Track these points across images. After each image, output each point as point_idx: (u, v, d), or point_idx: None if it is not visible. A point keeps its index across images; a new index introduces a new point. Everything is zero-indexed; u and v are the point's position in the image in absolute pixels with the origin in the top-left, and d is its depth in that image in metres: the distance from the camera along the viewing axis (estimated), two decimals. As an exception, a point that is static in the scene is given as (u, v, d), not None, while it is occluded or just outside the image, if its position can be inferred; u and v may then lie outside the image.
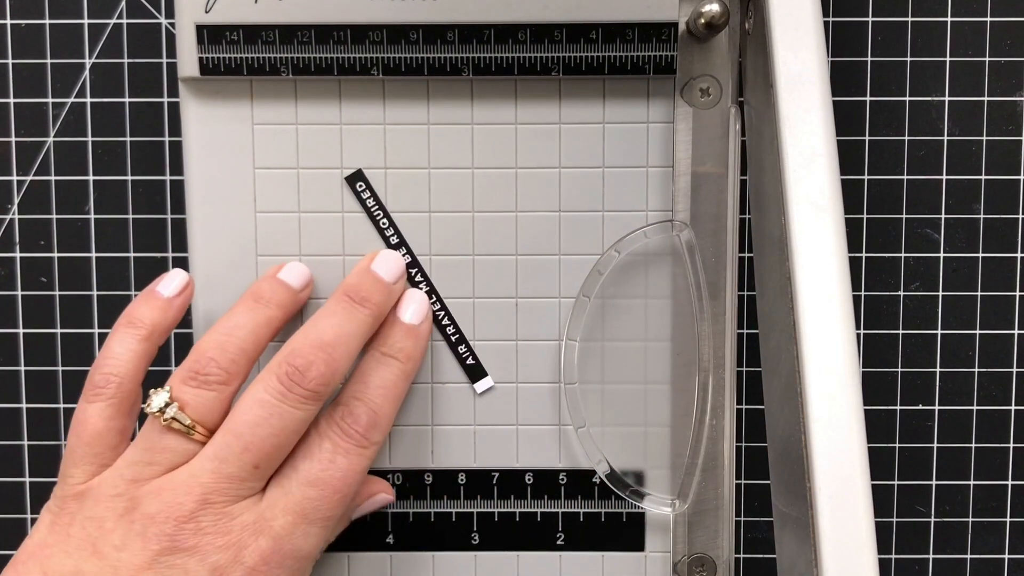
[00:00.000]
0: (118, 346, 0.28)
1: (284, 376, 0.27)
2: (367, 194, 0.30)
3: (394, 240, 0.31)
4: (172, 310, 0.29)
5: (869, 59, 0.34)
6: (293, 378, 0.27)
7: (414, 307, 0.30)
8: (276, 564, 0.26)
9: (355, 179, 0.31)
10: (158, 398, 0.27)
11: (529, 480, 0.31)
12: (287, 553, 0.26)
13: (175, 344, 0.35)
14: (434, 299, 0.31)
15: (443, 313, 0.31)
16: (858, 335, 0.35)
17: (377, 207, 0.31)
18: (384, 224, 0.31)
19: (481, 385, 0.31)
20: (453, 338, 0.31)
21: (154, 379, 0.35)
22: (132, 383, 0.28)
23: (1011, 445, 0.35)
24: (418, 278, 0.31)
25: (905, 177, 0.35)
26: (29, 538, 0.27)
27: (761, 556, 0.36)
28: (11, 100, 0.35)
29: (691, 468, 0.31)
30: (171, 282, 0.29)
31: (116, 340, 0.28)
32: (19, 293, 0.35)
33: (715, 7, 0.28)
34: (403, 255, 0.31)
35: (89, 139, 0.35)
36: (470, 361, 0.31)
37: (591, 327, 0.31)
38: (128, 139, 0.35)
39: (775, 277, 0.28)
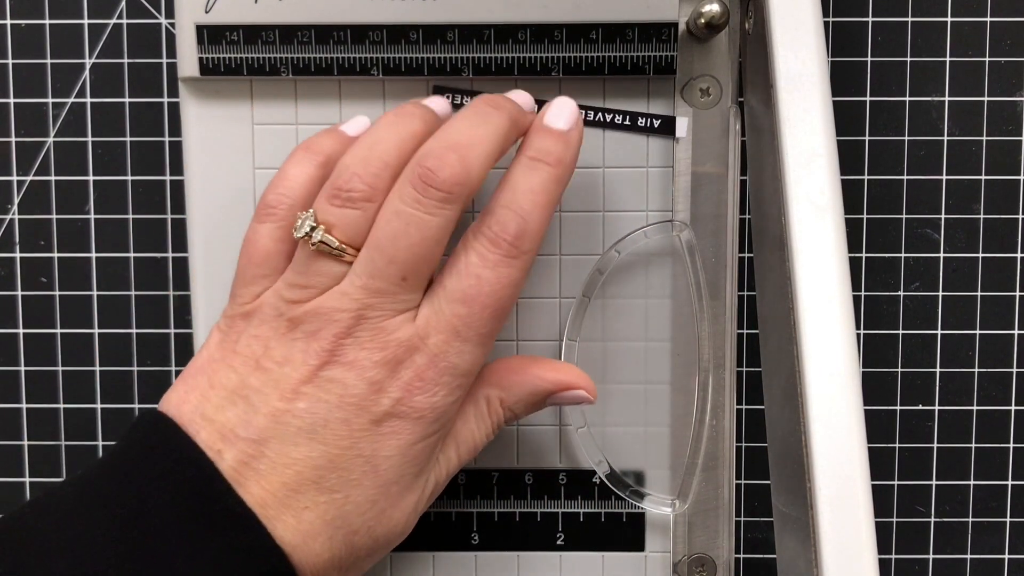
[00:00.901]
0: (294, 168, 0.28)
1: (417, 180, 0.26)
2: (457, 99, 0.30)
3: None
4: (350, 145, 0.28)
5: (869, 59, 0.34)
6: (427, 180, 0.26)
7: (561, 112, 0.28)
8: (432, 381, 0.26)
9: (441, 92, 0.30)
10: (304, 223, 0.26)
11: (529, 480, 0.31)
12: (443, 370, 0.26)
13: (175, 346, 0.35)
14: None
15: None
16: (858, 335, 0.35)
17: None
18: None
19: (680, 128, 0.30)
20: None
21: (154, 385, 0.35)
22: (303, 206, 0.27)
23: (1011, 445, 0.35)
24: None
25: (905, 177, 0.35)
26: (198, 354, 0.27)
27: (761, 556, 0.36)
28: (11, 100, 0.35)
29: (691, 468, 0.31)
30: (356, 124, 0.29)
31: (294, 162, 0.28)
32: (19, 293, 0.35)
33: (715, 7, 0.28)
34: None
35: (89, 139, 0.35)
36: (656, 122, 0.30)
37: (591, 327, 0.31)
38: (128, 139, 0.35)
39: (775, 277, 0.28)
